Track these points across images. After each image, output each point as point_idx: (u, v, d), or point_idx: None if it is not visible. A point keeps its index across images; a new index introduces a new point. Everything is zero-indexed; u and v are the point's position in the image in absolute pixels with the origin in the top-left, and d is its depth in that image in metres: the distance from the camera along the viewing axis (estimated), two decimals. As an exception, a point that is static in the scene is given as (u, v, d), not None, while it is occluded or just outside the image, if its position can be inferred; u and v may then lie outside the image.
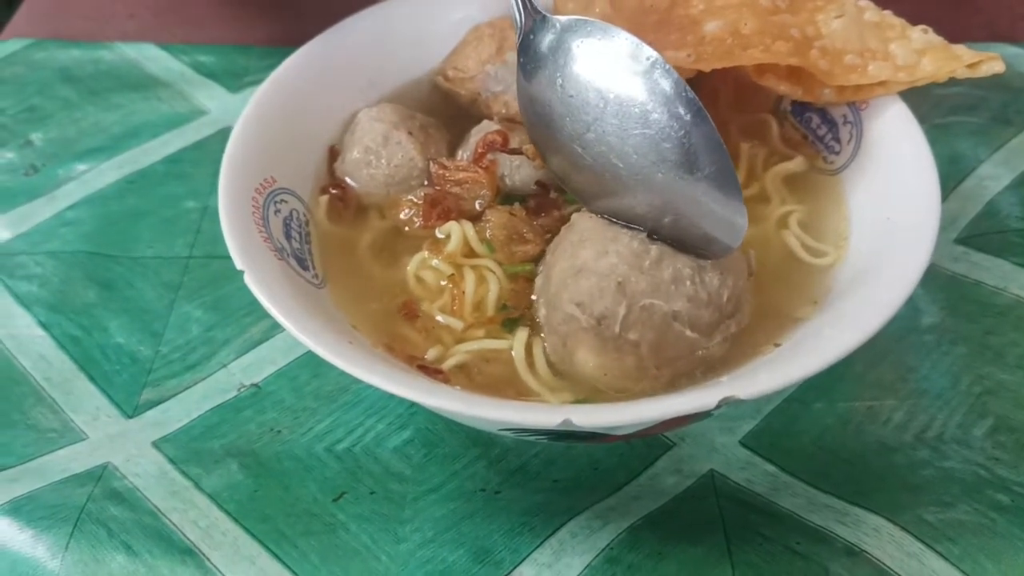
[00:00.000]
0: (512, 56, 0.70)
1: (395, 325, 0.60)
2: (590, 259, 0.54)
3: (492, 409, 0.48)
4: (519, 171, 0.64)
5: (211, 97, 0.88)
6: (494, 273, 0.60)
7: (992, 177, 0.78)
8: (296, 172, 0.65)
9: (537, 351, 0.57)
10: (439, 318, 0.60)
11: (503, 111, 0.70)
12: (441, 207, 0.63)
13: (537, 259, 0.61)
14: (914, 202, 0.56)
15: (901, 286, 0.51)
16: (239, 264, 0.54)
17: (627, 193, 0.54)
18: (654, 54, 0.51)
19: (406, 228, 0.65)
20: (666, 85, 0.51)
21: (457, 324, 0.59)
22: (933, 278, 0.70)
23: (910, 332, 0.67)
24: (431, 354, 0.58)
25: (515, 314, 0.59)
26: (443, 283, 0.61)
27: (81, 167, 0.82)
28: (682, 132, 0.51)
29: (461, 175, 0.64)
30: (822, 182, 0.66)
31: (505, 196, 0.64)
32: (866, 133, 0.64)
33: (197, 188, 0.79)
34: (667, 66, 0.51)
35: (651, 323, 0.52)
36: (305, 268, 0.59)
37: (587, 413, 0.47)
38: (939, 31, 0.75)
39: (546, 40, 0.55)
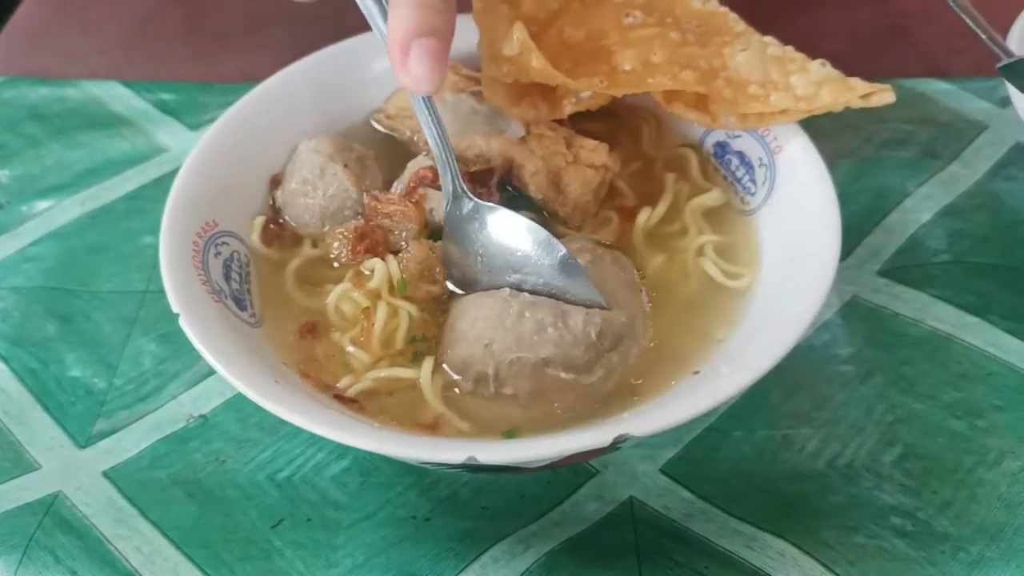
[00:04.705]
0: (450, 97, 0.73)
1: (312, 351, 0.64)
2: (464, 329, 0.60)
3: (401, 446, 0.51)
4: None
5: (171, 134, 0.92)
6: (406, 310, 0.64)
7: (917, 210, 0.81)
8: (239, 214, 0.68)
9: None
10: (350, 349, 0.63)
11: None
12: (369, 240, 0.66)
13: (439, 300, 0.65)
14: (815, 249, 0.60)
15: (792, 330, 0.54)
16: (175, 307, 0.58)
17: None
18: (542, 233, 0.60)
19: (335, 264, 0.68)
20: (541, 239, 0.60)
21: (364, 357, 0.63)
22: (854, 309, 0.74)
23: (829, 362, 0.70)
24: (343, 383, 0.61)
25: (422, 347, 0.63)
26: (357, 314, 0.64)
27: (44, 204, 0.86)
28: (553, 264, 0.60)
29: (391, 208, 0.67)
30: (737, 221, 0.69)
31: (432, 231, 0.68)
32: (779, 177, 0.67)
33: (155, 224, 0.80)
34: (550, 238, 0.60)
35: (523, 374, 0.58)
36: (243, 308, 0.63)
37: (490, 450, 0.50)
38: (876, 66, 0.78)
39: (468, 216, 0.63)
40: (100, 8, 1.09)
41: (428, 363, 0.61)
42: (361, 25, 0.78)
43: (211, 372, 0.72)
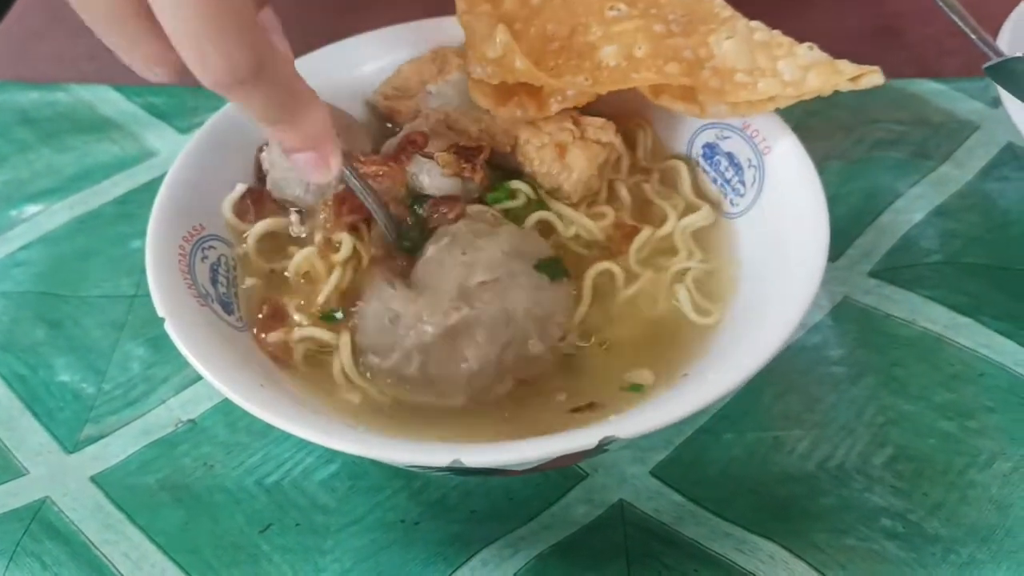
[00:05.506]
0: (455, 76, 0.73)
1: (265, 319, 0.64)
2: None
3: (386, 450, 0.51)
4: (429, 174, 0.67)
5: (161, 138, 0.91)
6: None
7: (908, 211, 0.80)
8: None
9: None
10: (296, 316, 0.64)
11: (442, 118, 0.72)
12: (350, 203, 0.65)
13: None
14: (803, 251, 0.59)
15: (781, 330, 0.54)
16: (161, 312, 0.57)
17: None
18: None
19: (316, 234, 0.67)
20: None
21: (304, 320, 0.63)
22: (846, 311, 0.73)
23: (820, 364, 0.70)
24: (272, 337, 0.62)
25: (336, 329, 0.63)
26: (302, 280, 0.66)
27: (34, 208, 0.86)
28: None
29: (372, 168, 0.66)
30: (726, 224, 0.69)
31: (414, 199, 0.67)
32: (767, 178, 0.67)
33: (144, 228, 0.80)
34: None
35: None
36: (229, 312, 0.62)
37: (475, 453, 0.50)
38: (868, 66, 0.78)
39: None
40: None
41: (346, 337, 0.62)
42: (354, 28, 0.79)
43: (199, 377, 0.70)
